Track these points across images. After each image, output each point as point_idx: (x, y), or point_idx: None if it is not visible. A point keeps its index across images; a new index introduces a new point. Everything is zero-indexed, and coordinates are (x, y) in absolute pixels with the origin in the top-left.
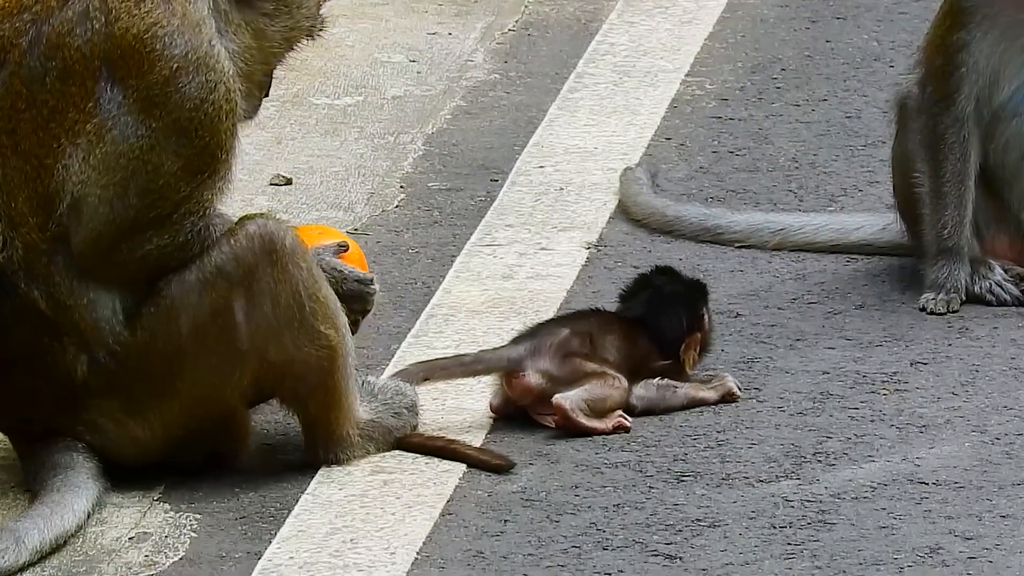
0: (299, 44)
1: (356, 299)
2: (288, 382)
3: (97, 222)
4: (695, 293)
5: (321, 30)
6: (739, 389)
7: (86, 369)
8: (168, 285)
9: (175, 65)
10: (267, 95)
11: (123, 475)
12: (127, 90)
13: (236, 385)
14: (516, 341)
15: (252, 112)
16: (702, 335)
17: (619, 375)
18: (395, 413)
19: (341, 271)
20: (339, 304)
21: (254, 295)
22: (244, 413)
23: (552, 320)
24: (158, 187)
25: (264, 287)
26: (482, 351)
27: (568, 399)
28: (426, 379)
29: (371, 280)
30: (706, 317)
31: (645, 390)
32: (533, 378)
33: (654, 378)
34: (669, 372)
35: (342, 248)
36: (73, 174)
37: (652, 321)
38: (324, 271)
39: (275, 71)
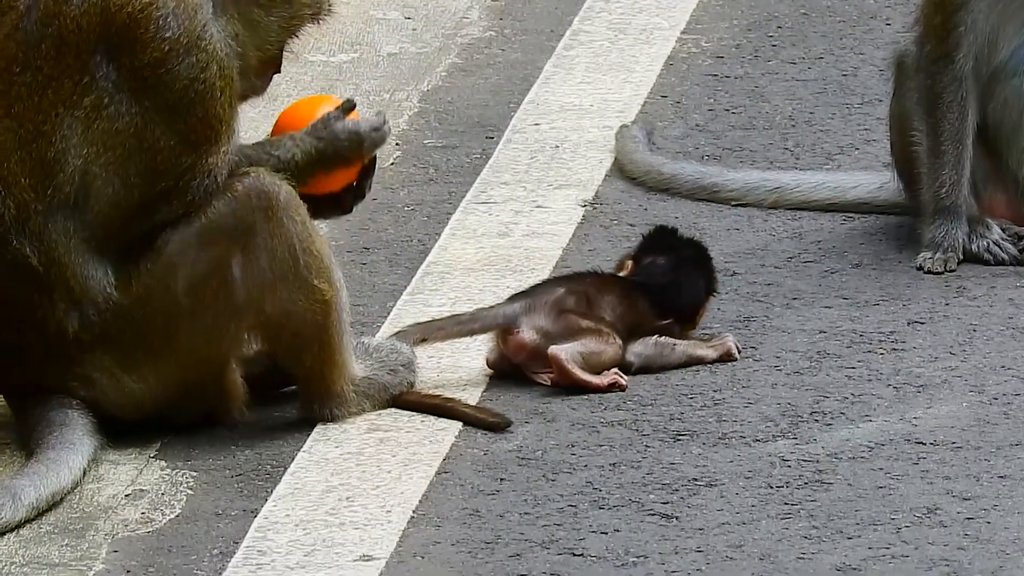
0: (302, 30)
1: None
2: (283, 337)
3: (104, 203)
4: (705, 255)
5: (327, 15)
6: (739, 351)
7: (77, 325)
8: (164, 243)
9: (167, 47)
10: (279, 71)
11: (120, 432)
12: (120, 69)
13: (232, 340)
14: (512, 299)
15: (262, 88)
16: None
17: (614, 333)
18: (391, 370)
19: (359, 133)
20: (333, 259)
21: (250, 250)
22: (239, 370)
23: (548, 280)
24: (157, 164)
25: (260, 242)
26: (478, 310)
27: (564, 350)
28: (423, 340)
29: (384, 122)
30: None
31: (643, 347)
32: (528, 334)
33: (651, 335)
34: (666, 334)
35: (350, 106)
36: (73, 147)
37: (675, 288)
38: (342, 137)
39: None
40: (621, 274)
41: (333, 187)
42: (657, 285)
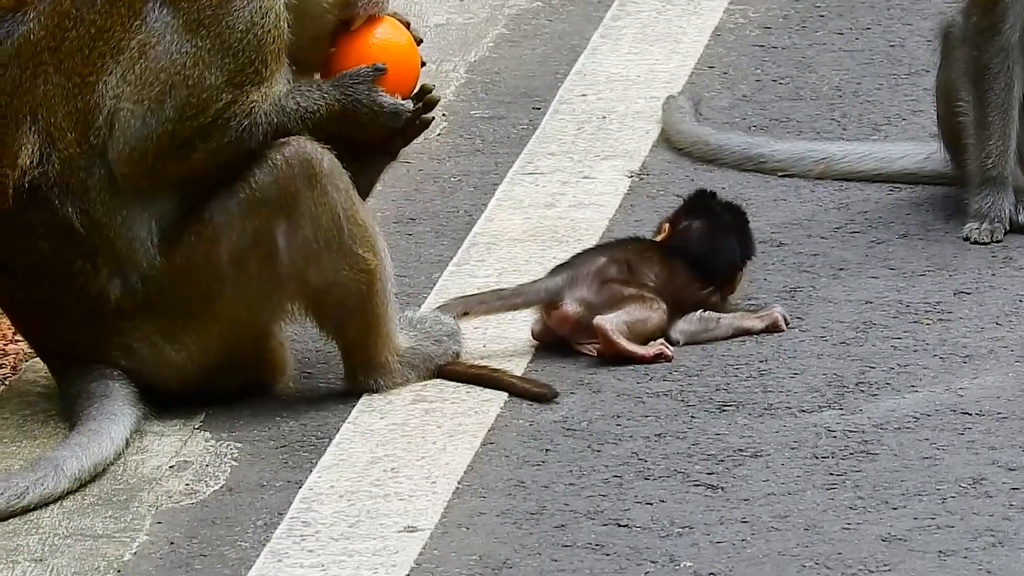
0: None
1: (397, 131)
2: (327, 307)
3: (131, 136)
4: (742, 219)
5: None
6: (786, 321)
7: (119, 292)
8: (207, 212)
9: None
10: (333, 46)
11: (164, 403)
12: (177, 12)
13: (275, 310)
14: (554, 272)
15: (316, 63)
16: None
17: (658, 299)
18: (436, 340)
19: (377, 109)
20: (378, 229)
21: (294, 219)
22: (283, 340)
23: (589, 249)
24: (199, 100)
25: (304, 210)
26: (520, 284)
27: (609, 320)
28: (465, 314)
29: (407, 110)
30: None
31: (687, 324)
32: (572, 308)
33: (694, 310)
34: (709, 302)
35: (379, 72)
36: (110, 89)
37: (709, 250)
38: (363, 104)
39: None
40: (658, 239)
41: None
42: (691, 249)
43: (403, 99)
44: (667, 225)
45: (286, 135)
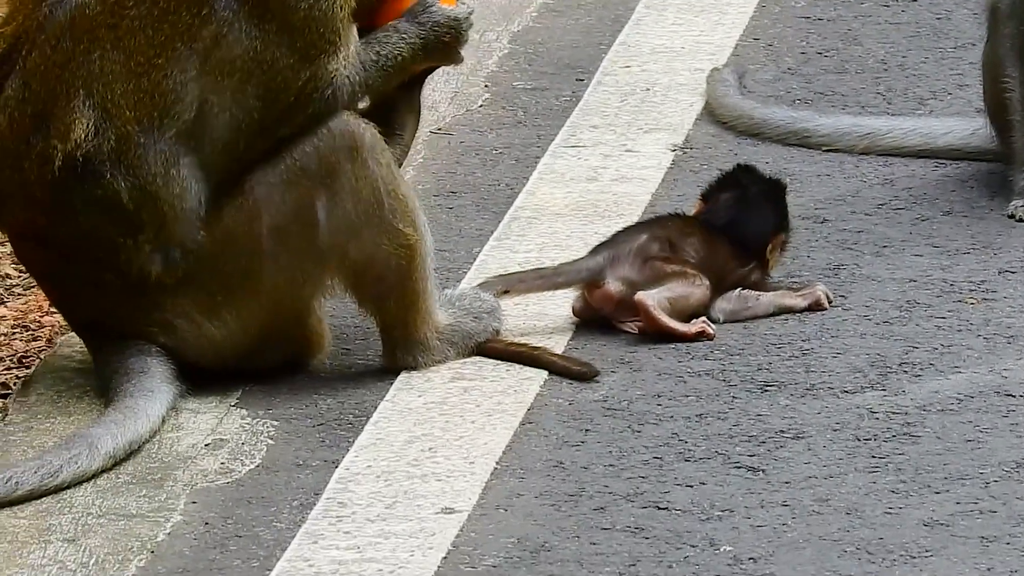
0: None
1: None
2: (366, 283)
3: (223, 129)
4: (777, 190)
5: None
6: (829, 300)
7: (160, 267)
8: (249, 183)
9: None
10: (374, 23)
11: (200, 380)
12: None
13: (315, 285)
14: (595, 251)
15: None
16: (786, 234)
17: (700, 275)
18: (475, 317)
19: (457, 19)
20: (418, 203)
21: (335, 192)
22: (321, 316)
23: (630, 227)
24: (276, 83)
25: (345, 184)
26: (561, 264)
27: (651, 296)
28: (505, 292)
29: (471, 10)
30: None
31: (726, 302)
32: (614, 286)
33: (734, 288)
34: (749, 279)
35: None
36: (192, 79)
37: (738, 221)
38: (442, 23)
39: None
40: (692, 213)
41: None
42: (721, 222)
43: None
44: (700, 200)
45: (369, 92)
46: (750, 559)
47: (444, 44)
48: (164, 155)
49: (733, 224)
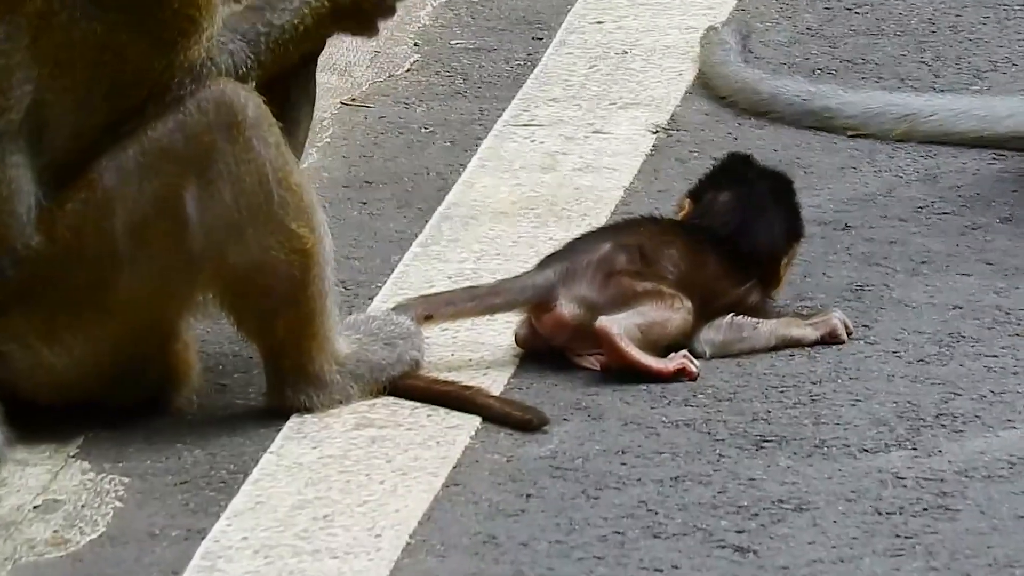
0: None
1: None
2: (249, 297)
3: (64, 135)
4: (786, 189)
5: None
6: (847, 331)
7: None
8: (98, 171)
9: None
10: None
11: (30, 422)
12: None
13: (182, 301)
14: (544, 264)
15: None
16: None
17: (680, 295)
18: (387, 344)
19: None
20: (315, 196)
21: (210, 180)
22: (188, 341)
23: (591, 233)
24: (127, 77)
25: (222, 170)
26: (501, 280)
27: (615, 323)
28: (428, 317)
29: None
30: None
31: (715, 332)
32: (567, 309)
33: (726, 312)
34: (746, 302)
35: None
36: (19, 65)
37: (744, 228)
38: None
39: None
40: (679, 217)
41: None
42: (719, 229)
43: None
44: (689, 200)
45: (252, 74)
46: None
47: (360, 11)
48: None
49: (735, 235)
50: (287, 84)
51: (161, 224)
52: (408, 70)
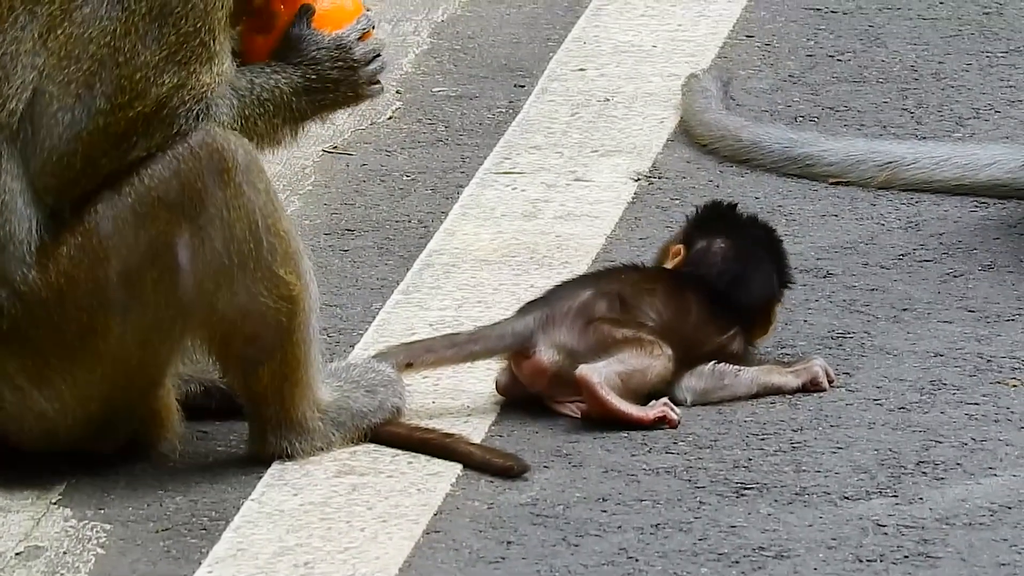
0: None
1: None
2: (235, 344)
3: (59, 135)
4: (775, 238)
5: None
6: (830, 379)
7: None
8: (92, 216)
9: None
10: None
11: (13, 468)
12: None
13: (172, 347)
14: (524, 311)
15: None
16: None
17: (660, 342)
18: (369, 392)
19: (343, 47)
20: (302, 244)
21: (201, 227)
22: (171, 387)
23: (570, 281)
24: (133, 82)
25: (213, 215)
26: (481, 328)
27: (595, 371)
28: (408, 365)
29: (381, 45)
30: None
31: (696, 379)
32: (546, 355)
33: (708, 359)
34: (728, 350)
35: (308, 12)
36: (24, 54)
37: (736, 280)
38: (324, 57)
39: None
40: (667, 266)
41: None
42: (716, 278)
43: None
44: (681, 247)
45: (247, 129)
46: None
47: (335, 81)
48: None
49: (731, 284)
50: None
51: (153, 272)
52: (390, 118)
